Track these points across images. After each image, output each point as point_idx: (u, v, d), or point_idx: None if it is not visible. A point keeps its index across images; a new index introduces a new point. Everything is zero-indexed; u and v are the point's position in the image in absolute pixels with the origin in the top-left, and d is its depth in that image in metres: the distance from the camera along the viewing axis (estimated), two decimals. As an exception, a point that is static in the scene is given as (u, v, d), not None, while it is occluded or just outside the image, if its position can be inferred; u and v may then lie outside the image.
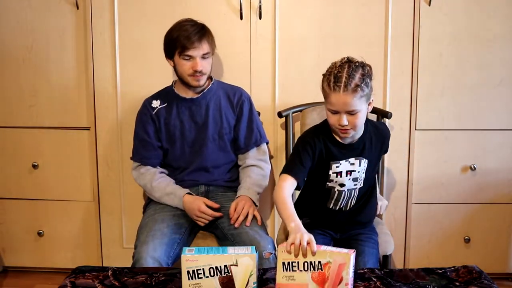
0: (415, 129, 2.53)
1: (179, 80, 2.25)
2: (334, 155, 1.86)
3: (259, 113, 2.42)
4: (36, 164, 2.64)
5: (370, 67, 1.79)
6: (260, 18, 2.46)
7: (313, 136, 1.88)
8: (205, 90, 2.26)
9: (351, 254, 1.52)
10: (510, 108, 2.50)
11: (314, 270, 1.53)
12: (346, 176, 1.88)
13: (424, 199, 2.57)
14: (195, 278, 1.52)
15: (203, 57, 2.16)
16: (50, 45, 2.54)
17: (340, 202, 1.94)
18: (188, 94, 2.26)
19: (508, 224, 2.59)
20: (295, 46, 2.49)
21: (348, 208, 1.95)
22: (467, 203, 2.57)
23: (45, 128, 2.62)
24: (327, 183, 1.90)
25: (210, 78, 2.30)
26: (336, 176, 1.89)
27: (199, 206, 2.11)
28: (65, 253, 2.72)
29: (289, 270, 1.54)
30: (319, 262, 1.53)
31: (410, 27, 2.46)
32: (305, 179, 1.88)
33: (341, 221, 1.98)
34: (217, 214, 2.13)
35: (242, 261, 1.53)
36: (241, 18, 2.47)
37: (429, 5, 2.42)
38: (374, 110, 2.39)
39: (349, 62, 1.76)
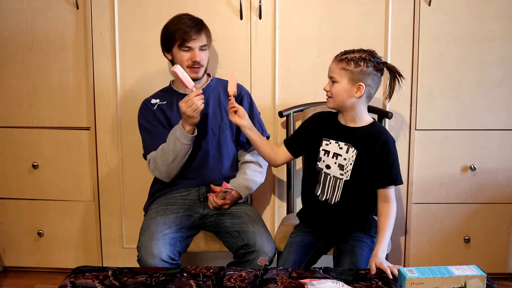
0: (415, 129, 2.53)
1: None
2: (327, 132, 1.98)
3: (259, 112, 2.41)
4: (36, 164, 2.64)
5: (380, 63, 1.91)
6: (260, 18, 2.47)
7: (318, 113, 2.08)
8: (205, 86, 2.28)
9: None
10: (510, 108, 2.50)
11: None
12: (333, 158, 1.95)
13: (424, 199, 2.57)
14: None
15: (201, 48, 2.21)
16: (50, 45, 2.54)
17: (326, 190, 1.96)
18: (187, 90, 2.26)
19: (508, 224, 2.59)
20: (295, 46, 2.49)
21: (333, 201, 1.95)
22: (467, 203, 2.57)
23: (45, 128, 2.62)
24: (317, 163, 1.98)
25: (208, 75, 2.33)
26: (324, 155, 1.97)
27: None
28: (65, 253, 2.72)
29: None
30: None
31: (410, 27, 2.46)
32: (300, 148, 2.08)
33: (328, 217, 1.98)
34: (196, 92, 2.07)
35: (471, 283, 1.49)
36: (241, 18, 2.47)
37: (429, 5, 2.43)
38: (374, 110, 2.39)
39: (363, 49, 1.90)
